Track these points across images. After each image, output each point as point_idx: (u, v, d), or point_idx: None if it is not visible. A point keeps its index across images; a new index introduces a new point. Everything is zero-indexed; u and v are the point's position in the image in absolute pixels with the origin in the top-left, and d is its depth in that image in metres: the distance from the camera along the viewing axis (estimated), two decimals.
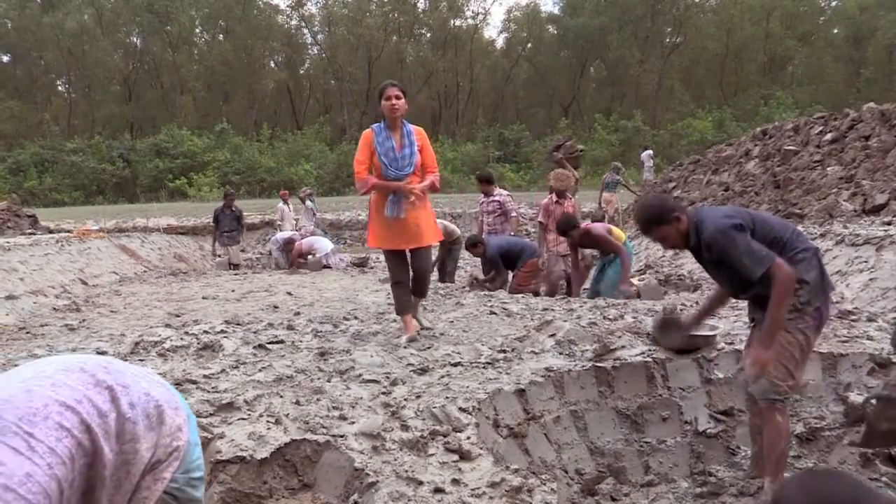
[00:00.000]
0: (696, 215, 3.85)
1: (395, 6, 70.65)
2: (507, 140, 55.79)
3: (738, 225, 3.65)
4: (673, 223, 3.81)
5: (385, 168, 5.62)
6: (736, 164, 16.37)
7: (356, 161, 5.73)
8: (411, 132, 5.77)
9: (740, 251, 3.58)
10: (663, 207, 3.86)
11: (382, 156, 5.63)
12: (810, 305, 3.66)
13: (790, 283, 3.53)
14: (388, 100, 5.60)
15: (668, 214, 3.82)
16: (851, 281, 7.71)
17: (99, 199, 45.04)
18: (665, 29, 69.74)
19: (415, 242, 5.82)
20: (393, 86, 5.66)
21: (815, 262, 3.74)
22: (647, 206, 4.01)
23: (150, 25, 65.23)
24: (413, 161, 5.69)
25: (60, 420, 1.63)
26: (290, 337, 5.87)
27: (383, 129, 5.69)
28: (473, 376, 4.55)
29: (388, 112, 5.62)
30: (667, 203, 3.93)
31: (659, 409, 4.65)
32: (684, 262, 11.16)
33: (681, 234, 3.84)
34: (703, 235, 3.73)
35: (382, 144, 5.64)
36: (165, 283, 11.99)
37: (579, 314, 6.46)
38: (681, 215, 3.82)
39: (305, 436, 3.55)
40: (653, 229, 3.91)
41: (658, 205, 3.92)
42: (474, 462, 3.31)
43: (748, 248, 3.58)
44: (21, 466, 1.51)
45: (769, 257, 3.55)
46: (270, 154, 52.40)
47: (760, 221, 3.79)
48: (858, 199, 10.92)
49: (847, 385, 4.68)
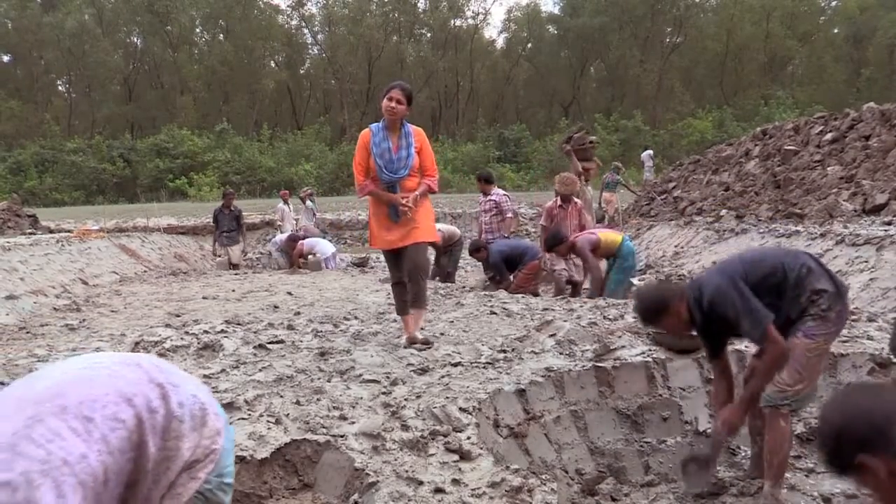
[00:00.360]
0: (695, 289, 3.80)
1: (396, 6, 70.69)
2: (508, 140, 55.81)
3: (734, 281, 3.64)
4: (672, 312, 3.79)
5: (380, 170, 5.54)
6: (736, 163, 16.38)
7: (355, 163, 5.69)
8: (410, 133, 5.65)
9: (737, 309, 3.57)
10: (661, 299, 3.82)
11: (378, 157, 5.53)
12: (832, 311, 3.63)
13: (782, 354, 3.54)
14: (390, 100, 5.50)
15: (663, 306, 3.80)
16: (852, 281, 7.70)
17: (99, 198, 45.05)
18: (665, 29, 69.79)
19: (408, 239, 5.66)
20: (400, 88, 5.58)
21: (819, 270, 3.72)
22: (642, 300, 3.94)
23: (151, 25, 65.26)
24: (409, 164, 5.58)
25: (116, 411, 1.72)
26: (290, 337, 5.87)
27: (381, 130, 5.61)
28: (474, 376, 4.55)
29: (386, 113, 5.54)
30: (663, 294, 3.88)
31: (659, 409, 4.64)
32: (685, 262, 11.17)
33: (683, 320, 3.81)
34: (703, 303, 3.70)
35: (378, 146, 5.55)
36: (166, 283, 11.99)
37: (579, 314, 6.46)
38: (678, 304, 3.78)
39: (306, 436, 3.55)
40: (653, 322, 3.91)
41: (653, 297, 3.88)
42: (474, 462, 3.31)
43: (744, 306, 3.56)
44: (77, 447, 1.59)
45: (765, 319, 3.53)
46: (271, 154, 52.42)
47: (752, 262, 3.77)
48: (859, 199, 10.93)
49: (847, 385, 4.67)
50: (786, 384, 3.62)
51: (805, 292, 3.59)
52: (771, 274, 3.66)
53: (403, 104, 5.52)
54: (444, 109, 71.14)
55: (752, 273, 3.67)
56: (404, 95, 5.54)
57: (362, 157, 5.63)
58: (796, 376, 3.62)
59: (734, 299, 3.57)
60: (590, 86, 73.03)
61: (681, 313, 3.77)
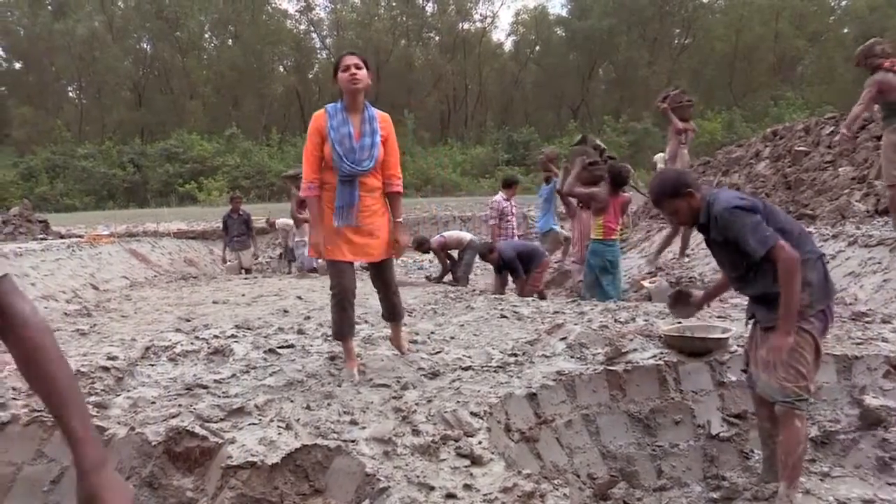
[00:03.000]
0: (711, 194, 3.87)
1: (404, 10, 70.88)
2: (516, 143, 55.77)
3: (749, 206, 3.67)
4: (686, 198, 3.84)
5: (338, 160, 4.51)
6: (746, 165, 16.30)
7: (306, 148, 4.66)
8: (375, 118, 4.68)
9: (746, 227, 3.59)
10: (678, 181, 3.87)
11: (336, 144, 4.51)
12: (812, 308, 3.64)
13: (794, 262, 3.51)
14: (346, 70, 4.55)
15: (682, 188, 3.84)
16: (865, 282, 7.65)
17: (110, 203, 45.25)
18: (674, 30, 69.74)
19: (374, 254, 4.80)
20: (351, 54, 4.65)
21: (819, 265, 3.72)
22: (663, 178, 3.99)
23: (160, 31, 65.61)
24: (374, 155, 4.60)
25: None
26: (300, 341, 5.86)
27: (340, 111, 4.61)
28: (484, 380, 4.52)
29: (347, 85, 4.55)
30: (683, 178, 3.92)
31: (671, 413, 4.61)
32: (695, 264, 11.12)
33: (692, 210, 3.87)
34: (712, 210, 3.76)
35: (337, 130, 4.54)
36: (176, 288, 12.00)
37: (590, 317, 6.42)
38: (694, 191, 3.84)
39: (316, 441, 3.53)
40: (665, 201, 3.92)
41: (674, 178, 3.92)
42: (486, 467, 3.29)
43: (754, 225, 3.58)
44: None
45: (773, 237, 3.54)
46: (280, 158, 52.53)
47: (772, 212, 3.78)
48: (871, 200, 10.84)
49: (862, 388, 4.63)
50: (786, 381, 3.62)
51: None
52: (785, 231, 3.66)
53: (363, 68, 4.59)
54: (452, 112, 71.19)
55: (770, 221, 3.69)
56: (361, 60, 4.64)
57: (314, 145, 4.60)
58: (793, 372, 3.62)
59: (743, 219, 3.62)
60: (598, 88, 72.97)
61: (693, 203, 3.84)
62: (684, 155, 11.39)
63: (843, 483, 4.12)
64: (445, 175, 48.34)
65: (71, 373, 1.64)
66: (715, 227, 3.76)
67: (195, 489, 3.48)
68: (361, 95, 4.64)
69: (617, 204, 8.98)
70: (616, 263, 8.97)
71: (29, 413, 3.91)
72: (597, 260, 8.96)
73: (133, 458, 3.58)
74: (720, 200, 3.75)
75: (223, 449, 3.49)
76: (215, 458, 3.50)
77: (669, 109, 11.35)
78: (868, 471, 4.22)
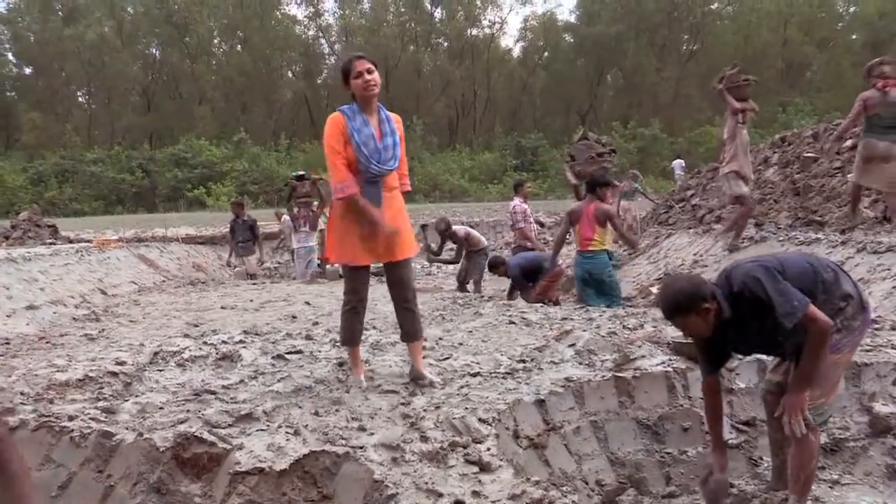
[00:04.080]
0: (722, 281, 3.60)
1: (412, 16, 70.94)
2: (525, 149, 55.71)
3: (767, 267, 3.48)
4: (701, 314, 3.46)
5: (365, 162, 4.44)
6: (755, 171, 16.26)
7: (331, 154, 4.51)
8: (390, 118, 4.66)
9: (771, 293, 3.36)
10: (693, 295, 3.45)
11: (362, 146, 4.43)
12: (856, 320, 3.58)
13: (827, 331, 3.39)
14: (360, 76, 4.50)
15: (697, 304, 3.45)
16: (874, 289, 7.61)
17: (118, 208, 45.33)
18: (682, 36, 69.60)
19: (397, 253, 4.67)
20: (360, 58, 4.58)
21: (846, 275, 3.68)
22: (675, 291, 3.52)
23: (169, 37, 65.80)
24: (397, 154, 4.58)
25: None
26: (308, 347, 5.87)
27: (357, 113, 4.54)
28: (493, 387, 4.52)
29: (362, 91, 4.50)
30: (698, 290, 3.48)
31: (680, 420, 4.60)
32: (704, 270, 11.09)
33: (708, 324, 3.50)
34: (734, 290, 3.49)
35: (360, 131, 4.46)
36: (184, 293, 12.03)
37: (598, 324, 6.42)
38: (710, 305, 3.45)
39: (324, 447, 3.53)
40: (677, 318, 3.53)
41: (687, 291, 3.47)
42: (494, 474, 3.28)
43: (779, 289, 3.37)
44: None
45: (801, 304, 3.34)
46: (288, 164, 52.60)
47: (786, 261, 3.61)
48: (880, 206, 10.81)
49: (871, 395, 4.61)
50: (813, 398, 3.56)
51: (833, 298, 3.52)
52: (804, 274, 3.52)
53: (375, 72, 4.57)
54: (460, 118, 71.19)
55: (789, 268, 3.52)
56: (372, 63, 4.62)
57: (339, 145, 4.48)
58: (818, 391, 3.57)
59: (768, 281, 3.39)
60: (607, 94, 72.83)
61: (708, 316, 3.47)
62: (743, 135, 11.07)
63: (852, 491, 4.10)
64: (454, 181, 48.30)
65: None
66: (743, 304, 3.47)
67: (203, 495, 3.49)
68: (376, 100, 4.61)
69: (590, 212, 8.76)
70: (597, 275, 8.84)
71: (37, 418, 3.93)
72: (577, 271, 9.00)
73: (141, 463, 3.59)
74: (736, 275, 3.53)
75: (231, 455, 3.50)
76: (223, 464, 3.51)
77: (725, 90, 11.11)
78: (878, 478, 4.20)
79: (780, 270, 3.48)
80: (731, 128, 11.05)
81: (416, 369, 4.69)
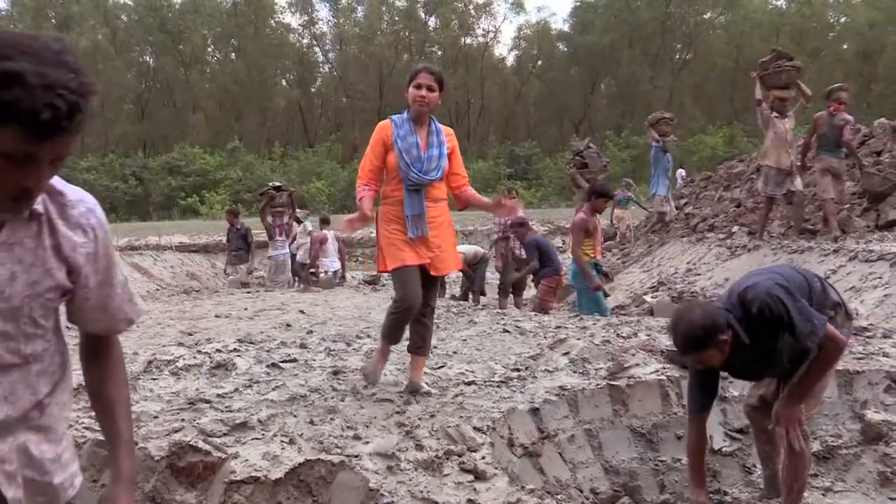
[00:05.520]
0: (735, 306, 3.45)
1: (407, 24, 71.15)
2: (518, 157, 55.90)
3: (784, 286, 3.39)
4: (719, 345, 3.30)
5: (406, 168, 4.44)
6: (748, 180, 16.34)
7: (365, 155, 4.65)
8: (440, 131, 4.66)
9: (793, 313, 3.27)
10: (712, 328, 3.28)
11: (404, 153, 4.45)
12: (844, 328, 3.60)
13: (841, 349, 3.41)
14: (419, 88, 4.49)
15: (715, 337, 3.28)
16: (866, 297, 7.66)
17: (111, 216, 45.14)
18: (675, 45, 69.93)
19: (440, 268, 4.70)
20: (429, 72, 4.56)
21: (830, 286, 3.71)
22: (692, 323, 3.31)
23: (163, 45, 65.85)
24: (441, 165, 4.54)
25: None
26: (303, 355, 5.87)
27: (406, 122, 4.58)
28: (487, 395, 4.53)
29: (415, 104, 4.52)
30: (717, 321, 3.30)
31: (674, 428, 4.61)
32: (697, 279, 11.13)
33: (724, 354, 3.34)
34: (752, 312, 3.34)
35: (404, 139, 4.49)
36: (178, 302, 12.01)
37: (592, 332, 6.44)
38: (727, 336, 3.30)
39: (320, 456, 3.53)
40: (692, 353, 3.41)
41: (708, 324, 3.28)
42: (489, 482, 3.30)
43: (799, 308, 3.29)
44: None
45: (822, 320, 3.29)
46: (282, 172, 52.59)
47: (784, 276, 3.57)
48: (871, 215, 10.88)
49: (863, 402, 4.65)
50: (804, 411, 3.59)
51: (824, 308, 3.54)
52: (801, 287, 3.51)
53: (435, 91, 4.52)
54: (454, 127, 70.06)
55: (790, 282, 3.47)
56: (435, 80, 4.53)
57: (377, 155, 4.57)
58: (812, 402, 3.60)
59: (787, 300, 3.29)
60: (600, 102, 73.09)
61: (725, 347, 3.32)
62: (779, 125, 10.86)
63: (844, 498, 4.12)
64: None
65: (128, 392, 1.90)
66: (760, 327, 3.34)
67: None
68: (427, 115, 4.62)
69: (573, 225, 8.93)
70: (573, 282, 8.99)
71: None
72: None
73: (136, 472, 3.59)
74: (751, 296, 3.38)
75: (226, 464, 3.50)
76: (218, 473, 3.51)
77: (758, 78, 11.19)
78: (870, 485, 4.22)
79: (790, 288, 3.40)
80: (763, 119, 11.17)
81: (415, 382, 4.64)
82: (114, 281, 1.76)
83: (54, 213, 1.58)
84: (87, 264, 1.64)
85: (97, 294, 1.72)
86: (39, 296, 1.56)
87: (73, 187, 1.66)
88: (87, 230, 1.63)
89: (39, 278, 1.55)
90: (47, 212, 1.57)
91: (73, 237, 1.60)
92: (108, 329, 1.84)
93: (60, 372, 1.71)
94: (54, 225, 1.57)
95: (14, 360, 1.56)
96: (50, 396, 1.66)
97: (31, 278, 1.53)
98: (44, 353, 1.64)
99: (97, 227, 1.66)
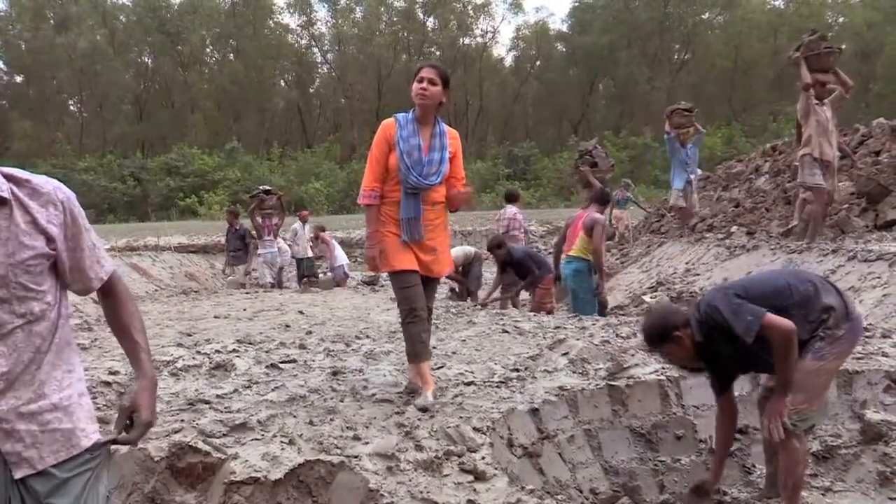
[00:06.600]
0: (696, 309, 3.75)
1: (405, 25, 71.17)
2: (517, 157, 55.96)
3: (726, 292, 3.64)
4: (676, 342, 3.66)
5: (406, 171, 4.38)
6: (746, 180, 16.37)
7: (371, 156, 4.54)
8: (445, 133, 4.60)
9: (727, 316, 3.51)
10: (664, 326, 3.68)
11: (405, 154, 4.38)
12: (840, 329, 3.60)
13: (788, 335, 3.45)
14: (420, 82, 4.41)
15: (668, 333, 3.66)
16: (865, 297, 7.65)
17: (110, 217, 45.28)
18: (673, 46, 70.04)
19: (435, 270, 4.67)
20: (432, 66, 4.49)
21: (829, 287, 3.71)
22: (649, 323, 3.81)
23: (162, 45, 65.86)
24: (442, 171, 4.48)
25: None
26: (302, 356, 5.86)
27: (410, 122, 4.50)
28: (487, 395, 4.53)
29: (417, 99, 4.43)
30: (668, 320, 3.71)
31: (673, 428, 4.62)
32: (696, 279, 11.12)
33: (687, 350, 3.69)
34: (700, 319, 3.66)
35: (406, 140, 4.41)
36: (177, 302, 12.00)
37: (592, 332, 6.44)
38: (683, 332, 3.65)
39: (319, 456, 3.53)
40: (656, 348, 3.82)
41: (658, 324, 3.72)
42: (489, 482, 3.29)
43: (733, 310, 3.51)
44: None
45: (755, 318, 3.44)
46: (281, 172, 52.63)
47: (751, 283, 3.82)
48: (870, 215, 10.88)
49: (863, 402, 4.64)
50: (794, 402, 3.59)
51: (813, 311, 3.57)
52: (775, 293, 3.60)
53: (437, 85, 4.44)
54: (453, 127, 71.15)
55: (753, 289, 3.64)
56: (437, 75, 4.44)
57: (382, 153, 4.47)
58: (800, 396, 3.59)
59: (724, 306, 3.54)
60: (599, 103, 73.11)
61: (685, 342, 3.65)
62: (821, 113, 9.79)
63: (844, 498, 4.12)
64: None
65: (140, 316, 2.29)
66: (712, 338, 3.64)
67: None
68: (432, 110, 4.55)
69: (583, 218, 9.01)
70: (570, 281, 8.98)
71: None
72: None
73: (135, 473, 3.58)
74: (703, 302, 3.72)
75: (226, 464, 3.50)
76: (218, 474, 3.50)
77: (803, 59, 9.90)
78: (869, 485, 4.22)
79: (742, 294, 3.59)
80: (804, 106, 9.97)
81: (415, 382, 4.62)
82: (84, 245, 2.04)
83: (24, 196, 1.89)
84: (59, 232, 1.94)
85: (71, 257, 2.01)
86: (21, 263, 1.85)
87: (38, 175, 1.97)
88: (56, 204, 1.94)
89: (15, 250, 1.84)
90: (17, 197, 1.87)
91: (45, 212, 1.91)
92: (85, 287, 2.13)
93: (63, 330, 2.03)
94: (26, 205, 1.88)
95: (12, 320, 1.86)
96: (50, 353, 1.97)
97: (8, 251, 1.83)
98: (43, 314, 1.93)
99: (65, 201, 1.97)
